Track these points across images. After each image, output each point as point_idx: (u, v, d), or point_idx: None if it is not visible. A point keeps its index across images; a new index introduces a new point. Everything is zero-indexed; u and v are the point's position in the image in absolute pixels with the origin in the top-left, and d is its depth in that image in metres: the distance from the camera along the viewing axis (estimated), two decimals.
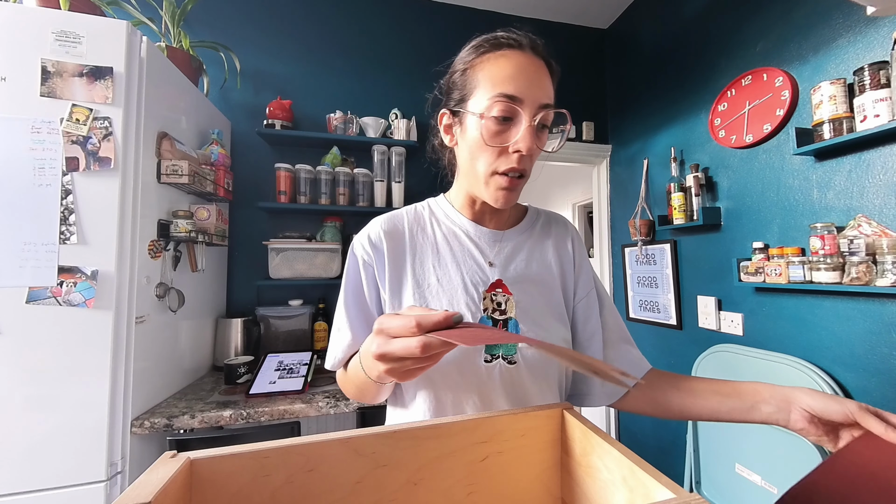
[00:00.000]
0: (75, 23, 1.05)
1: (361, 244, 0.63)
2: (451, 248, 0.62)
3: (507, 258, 0.63)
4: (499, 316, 0.58)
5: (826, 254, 1.11)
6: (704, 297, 1.62)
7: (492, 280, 0.60)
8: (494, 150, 0.53)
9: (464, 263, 0.61)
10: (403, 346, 0.36)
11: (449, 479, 0.36)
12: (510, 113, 0.51)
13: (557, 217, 0.71)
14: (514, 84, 0.51)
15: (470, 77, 0.56)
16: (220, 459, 0.31)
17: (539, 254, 0.65)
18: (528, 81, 0.52)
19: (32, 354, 0.98)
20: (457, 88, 0.58)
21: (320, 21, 1.97)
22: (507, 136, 0.52)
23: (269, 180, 1.80)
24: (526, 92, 0.51)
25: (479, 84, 0.54)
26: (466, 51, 0.59)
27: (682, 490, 0.25)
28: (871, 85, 1.03)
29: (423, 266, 0.60)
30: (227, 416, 1.14)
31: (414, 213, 0.66)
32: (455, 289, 0.59)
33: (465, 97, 0.56)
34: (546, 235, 0.67)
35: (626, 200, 2.15)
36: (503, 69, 0.52)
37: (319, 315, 1.79)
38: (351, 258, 0.64)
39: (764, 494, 1.26)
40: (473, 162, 0.56)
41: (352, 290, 0.62)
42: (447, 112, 0.60)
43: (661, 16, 1.92)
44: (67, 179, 1.02)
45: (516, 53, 0.53)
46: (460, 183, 0.64)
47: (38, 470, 0.97)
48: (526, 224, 0.67)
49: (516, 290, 0.60)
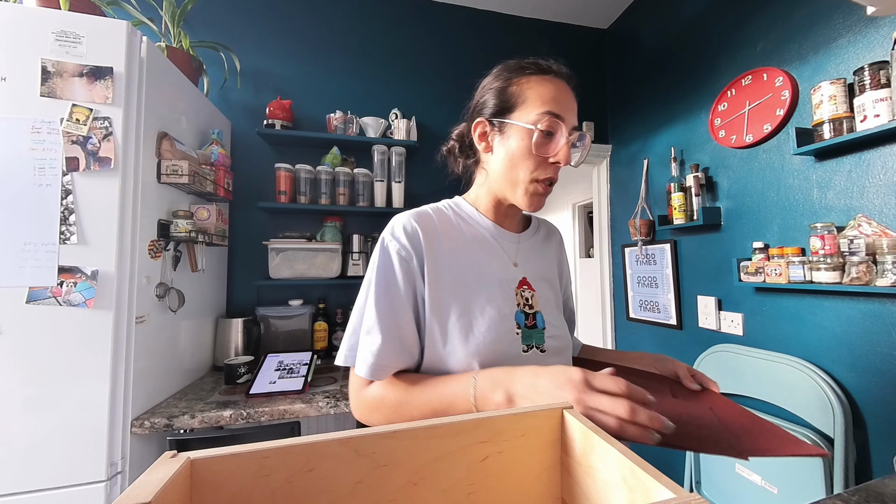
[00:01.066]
0: (75, 23, 1.05)
1: (397, 238, 0.61)
2: (480, 247, 0.66)
3: (526, 258, 0.69)
4: (528, 310, 0.64)
5: (826, 254, 1.11)
6: (704, 297, 1.62)
7: (518, 278, 0.66)
8: (536, 160, 0.60)
9: (494, 263, 0.65)
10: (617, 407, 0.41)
11: (449, 479, 0.36)
12: (554, 129, 0.59)
13: (550, 224, 0.82)
14: (559, 105, 0.60)
15: (515, 93, 0.62)
16: (220, 459, 0.31)
17: (546, 256, 0.74)
18: (567, 106, 0.61)
19: (32, 354, 0.98)
20: (497, 101, 0.63)
21: (320, 21, 1.97)
22: (548, 149, 0.60)
23: (269, 180, 1.80)
24: (565, 114, 0.60)
25: (527, 100, 0.60)
26: (507, 69, 0.65)
27: (682, 490, 0.25)
28: (872, 85, 1.03)
29: (459, 262, 0.63)
30: (227, 416, 1.14)
31: (440, 212, 0.68)
32: (491, 284, 0.63)
33: (509, 110, 0.62)
34: (547, 240, 0.76)
35: (626, 200, 2.15)
36: (549, 91, 0.60)
37: (319, 315, 1.79)
38: (383, 254, 0.61)
39: (764, 494, 1.26)
40: (514, 169, 0.62)
41: (384, 287, 0.59)
42: (484, 121, 0.65)
43: (662, 16, 1.92)
44: (67, 179, 1.02)
45: (558, 81, 0.62)
46: (487, 187, 0.68)
47: (38, 470, 0.97)
48: (532, 229, 0.75)
49: (537, 287, 0.67)
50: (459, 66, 2.14)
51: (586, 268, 3.69)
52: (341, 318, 1.81)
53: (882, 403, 1.08)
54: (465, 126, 0.71)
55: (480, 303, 0.61)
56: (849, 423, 1.11)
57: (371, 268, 0.62)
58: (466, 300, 0.60)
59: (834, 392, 1.14)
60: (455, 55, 2.14)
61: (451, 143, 0.74)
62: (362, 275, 1.80)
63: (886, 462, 1.06)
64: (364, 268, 1.81)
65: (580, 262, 3.82)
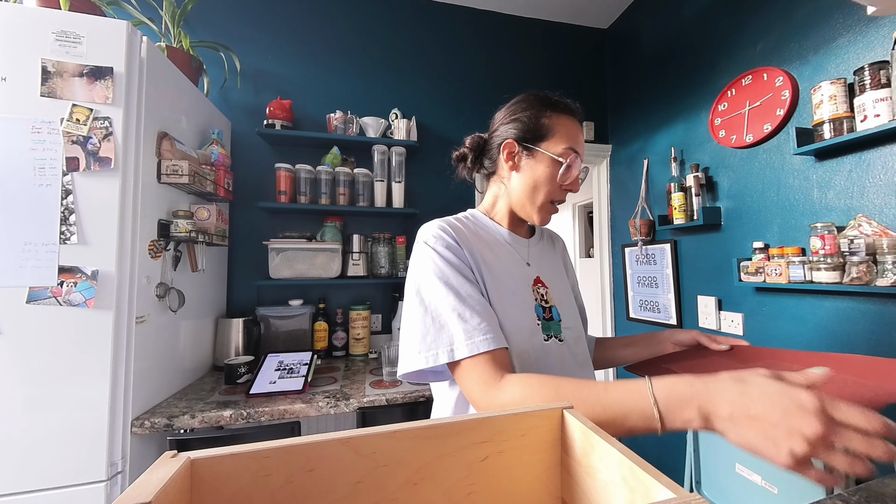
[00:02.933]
0: (75, 23, 1.05)
1: (440, 237, 0.66)
2: (499, 248, 0.73)
3: (537, 260, 0.77)
4: (545, 304, 0.71)
5: (826, 254, 1.11)
6: (705, 297, 1.62)
7: (533, 276, 0.73)
8: (555, 187, 0.70)
9: (512, 263, 0.72)
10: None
11: (449, 479, 0.36)
12: (573, 163, 0.70)
13: (554, 232, 0.91)
14: (578, 144, 0.71)
15: (547, 125, 0.70)
16: (221, 459, 0.31)
17: (553, 258, 0.83)
18: (581, 143, 0.72)
19: (32, 354, 0.98)
20: (530, 129, 0.71)
21: (320, 21, 1.97)
22: (566, 178, 0.70)
23: (269, 180, 1.80)
24: (581, 150, 0.72)
25: (557, 134, 0.70)
26: (539, 101, 0.72)
27: (683, 490, 0.25)
28: (872, 85, 1.03)
29: (486, 259, 0.68)
30: (227, 416, 1.14)
31: (460, 220, 0.74)
32: (516, 281, 0.70)
33: (541, 138, 0.70)
34: (552, 246, 0.86)
35: (626, 200, 2.15)
36: (574, 130, 0.71)
37: (320, 315, 1.79)
38: (434, 253, 0.64)
39: (764, 494, 1.26)
40: (536, 191, 0.71)
41: (453, 277, 0.61)
42: (514, 142, 0.72)
43: (661, 16, 1.92)
44: (68, 179, 1.02)
45: (577, 123, 0.73)
46: (505, 200, 0.76)
47: (39, 470, 0.97)
48: (538, 236, 0.83)
49: (550, 285, 0.75)
50: (460, 66, 2.14)
51: (586, 268, 3.69)
52: (341, 318, 1.81)
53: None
54: (483, 139, 0.78)
55: (508, 294, 0.67)
56: None
57: (424, 270, 0.63)
58: (498, 292, 0.66)
59: None
60: (455, 55, 2.14)
61: (464, 150, 0.79)
62: (362, 274, 1.80)
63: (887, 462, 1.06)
64: (364, 268, 1.81)
65: (580, 262, 3.82)
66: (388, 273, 1.86)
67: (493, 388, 0.53)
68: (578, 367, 0.71)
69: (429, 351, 0.57)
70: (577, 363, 0.71)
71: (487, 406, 0.53)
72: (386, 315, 1.96)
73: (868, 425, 0.34)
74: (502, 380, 0.53)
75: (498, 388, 0.53)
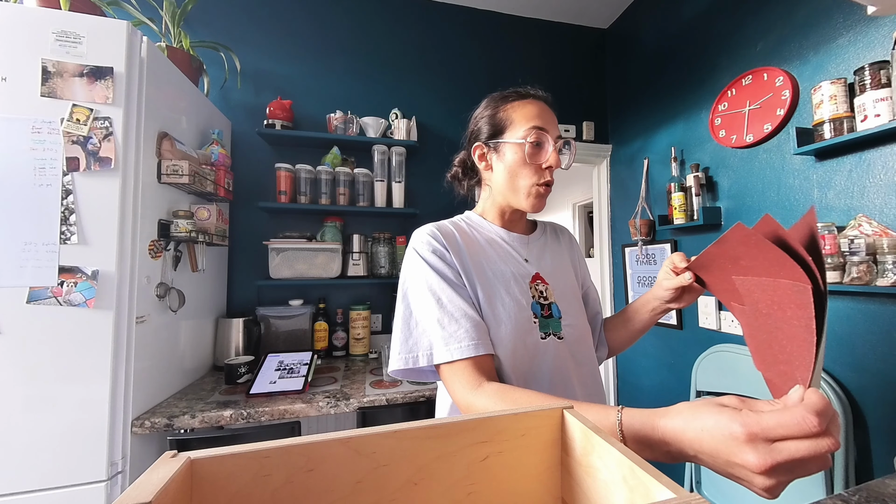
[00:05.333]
0: (75, 23, 1.05)
1: (428, 242, 0.68)
2: (494, 249, 0.73)
3: (538, 256, 0.77)
4: (543, 301, 0.71)
5: (826, 253, 1.11)
6: (705, 297, 1.62)
7: (531, 273, 0.73)
8: (531, 168, 0.69)
9: (508, 261, 0.72)
10: (809, 448, 0.31)
11: (449, 479, 0.36)
12: (542, 139, 0.69)
13: (559, 226, 0.90)
14: (542, 120, 0.69)
15: (503, 117, 0.71)
16: (221, 459, 0.31)
17: (557, 253, 0.81)
18: (548, 120, 0.71)
19: (32, 354, 0.98)
20: (489, 126, 0.73)
21: (320, 21, 1.97)
22: (539, 157, 0.69)
23: (269, 180, 1.80)
24: (548, 126, 0.70)
25: (514, 121, 0.70)
26: (493, 100, 0.75)
27: (683, 490, 0.25)
28: (872, 84, 1.03)
29: (478, 261, 0.69)
30: (227, 416, 1.14)
31: (454, 223, 0.76)
32: (508, 280, 0.69)
33: (501, 131, 0.71)
34: (556, 240, 0.84)
35: (626, 200, 2.15)
36: (532, 110, 0.70)
37: (320, 315, 1.79)
38: (422, 259, 0.66)
39: None
40: (514, 179, 0.71)
41: (439, 282, 0.64)
42: (482, 144, 0.74)
43: (662, 16, 1.92)
44: (68, 179, 1.02)
45: (538, 102, 0.72)
46: (492, 199, 0.77)
47: (39, 469, 0.97)
48: (540, 232, 0.83)
49: (551, 281, 0.74)
50: (459, 65, 2.14)
51: None
52: (341, 317, 1.81)
53: (882, 403, 1.08)
54: (465, 153, 0.81)
55: (500, 295, 0.67)
56: (849, 423, 1.11)
57: (411, 275, 0.67)
58: (488, 293, 0.66)
59: (834, 392, 1.14)
60: (455, 55, 2.14)
61: (455, 169, 0.83)
62: (363, 274, 1.80)
63: (887, 462, 1.06)
64: (364, 268, 1.81)
65: None
66: (389, 273, 1.86)
67: (470, 393, 0.56)
68: (577, 365, 0.70)
69: (409, 353, 0.62)
70: (577, 361, 0.70)
71: (466, 410, 0.57)
72: (386, 315, 1.96)
73: (803, 428, 0.31)
74: (479, 387, 0.56)
75: (474, 395, 0.55)
